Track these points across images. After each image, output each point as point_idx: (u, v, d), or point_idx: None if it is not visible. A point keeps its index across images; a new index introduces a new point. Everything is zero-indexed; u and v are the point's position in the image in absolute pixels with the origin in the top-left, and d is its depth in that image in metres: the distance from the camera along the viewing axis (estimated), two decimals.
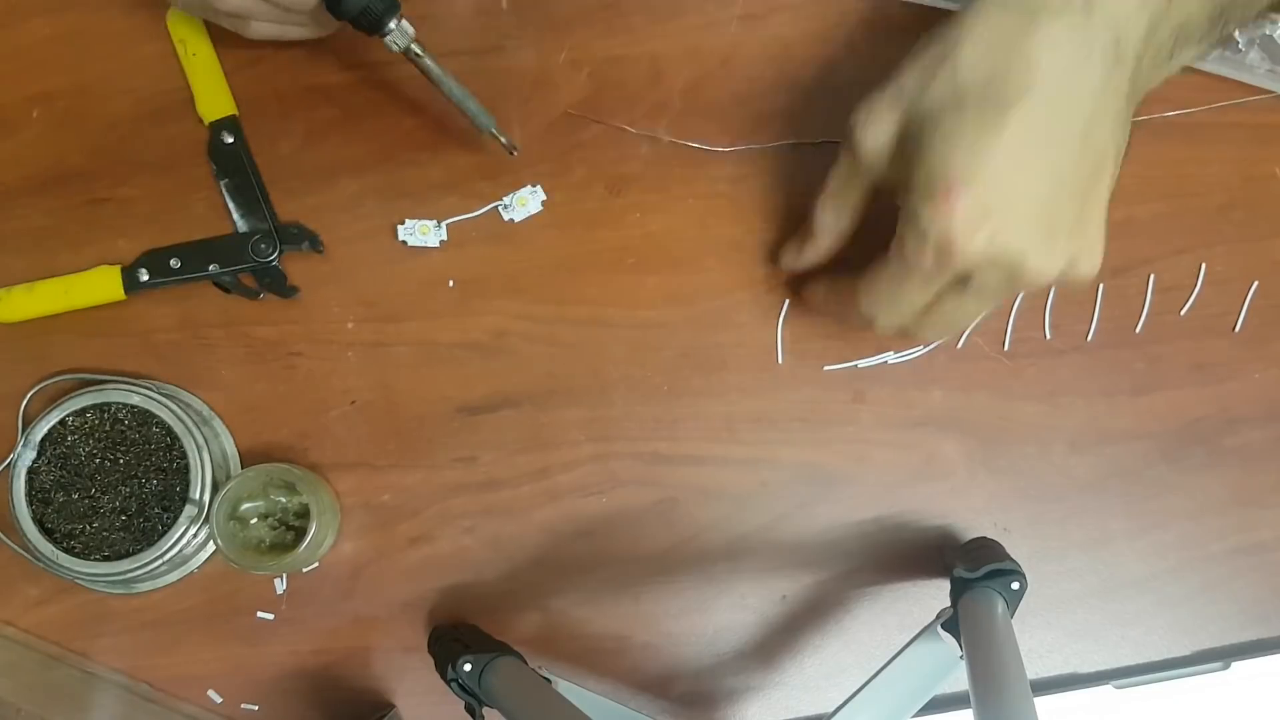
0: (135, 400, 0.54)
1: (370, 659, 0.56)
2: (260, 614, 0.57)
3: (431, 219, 0.56)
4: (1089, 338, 0.57)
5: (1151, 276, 0.57)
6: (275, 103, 0.58)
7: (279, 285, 0.57)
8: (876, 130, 0.45)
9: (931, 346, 0.57)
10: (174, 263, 0.56)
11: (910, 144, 0.44)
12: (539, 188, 0.56)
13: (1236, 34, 0.52)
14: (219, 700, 0.56)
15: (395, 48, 0.50)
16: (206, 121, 0.57)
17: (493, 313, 0.57)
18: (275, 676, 0.57)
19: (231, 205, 0.57)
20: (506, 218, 0.56)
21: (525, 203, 0.56)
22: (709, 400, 0.57)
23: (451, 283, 0.57)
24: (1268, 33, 0.56)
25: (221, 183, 0.57)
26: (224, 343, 0.57)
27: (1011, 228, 0.42)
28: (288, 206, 0.57)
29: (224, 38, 0.55)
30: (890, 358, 0.56)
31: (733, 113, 0.57)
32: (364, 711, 0.56)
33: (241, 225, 0.57)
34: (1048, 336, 0.57)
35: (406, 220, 0.56)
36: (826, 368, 0.57)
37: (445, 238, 0.56)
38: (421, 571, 0.57)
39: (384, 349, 0.57)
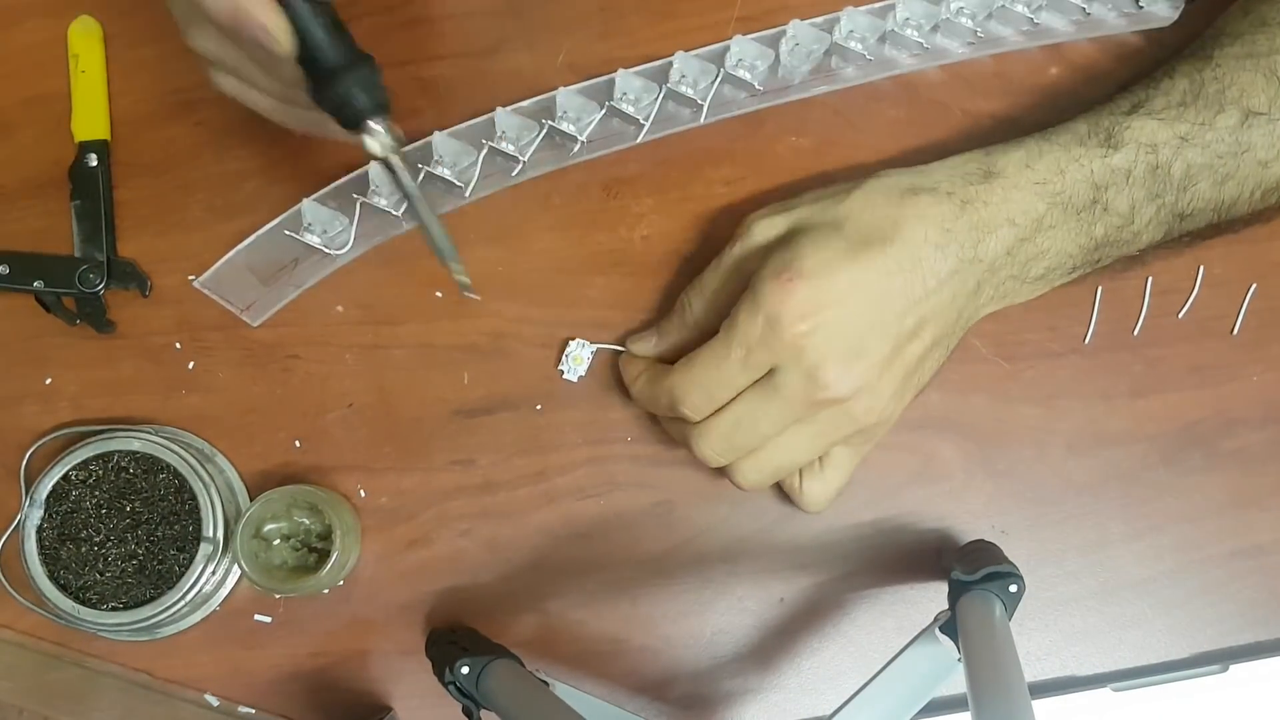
0: (136, 446, 0.54)
1: (368, 662, 0.56)
2: (258, 616, 0.56)
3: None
4: (1087, 340, 0.57)
5: (1149, 279, 0.57)
6: None
7: (97, 318, 0.57)
8: (769, 227, 0.50)
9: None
10: (2, 268, 0.56)
11: (782, 243, 0.49)
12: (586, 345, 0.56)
13: None
14: (216, 703, 0.56)
15: (374, 152, 0.45)
16: (77, 139, 0.57)
17: (490, 315, 0.57)
18: (273, 679, 0.56)
19: (75, 228, 0.57)
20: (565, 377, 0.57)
21: (580, 361, 0.56)
22: None
23: (440, 293, 0.57)
24: None
25: (73, 204, 0.56)
26: (221, 345, 0.57)
27: (829, 330, 0.47)
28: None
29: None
30: None
31: None
32: (361, 714, 0.56)
33: (79, 250, 0.57)
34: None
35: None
36: None
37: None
38: (419, 574, 0.56)
39: (381, 351, 0.57)
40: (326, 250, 0.56)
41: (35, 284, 0.56)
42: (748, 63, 0.56)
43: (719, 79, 0.56)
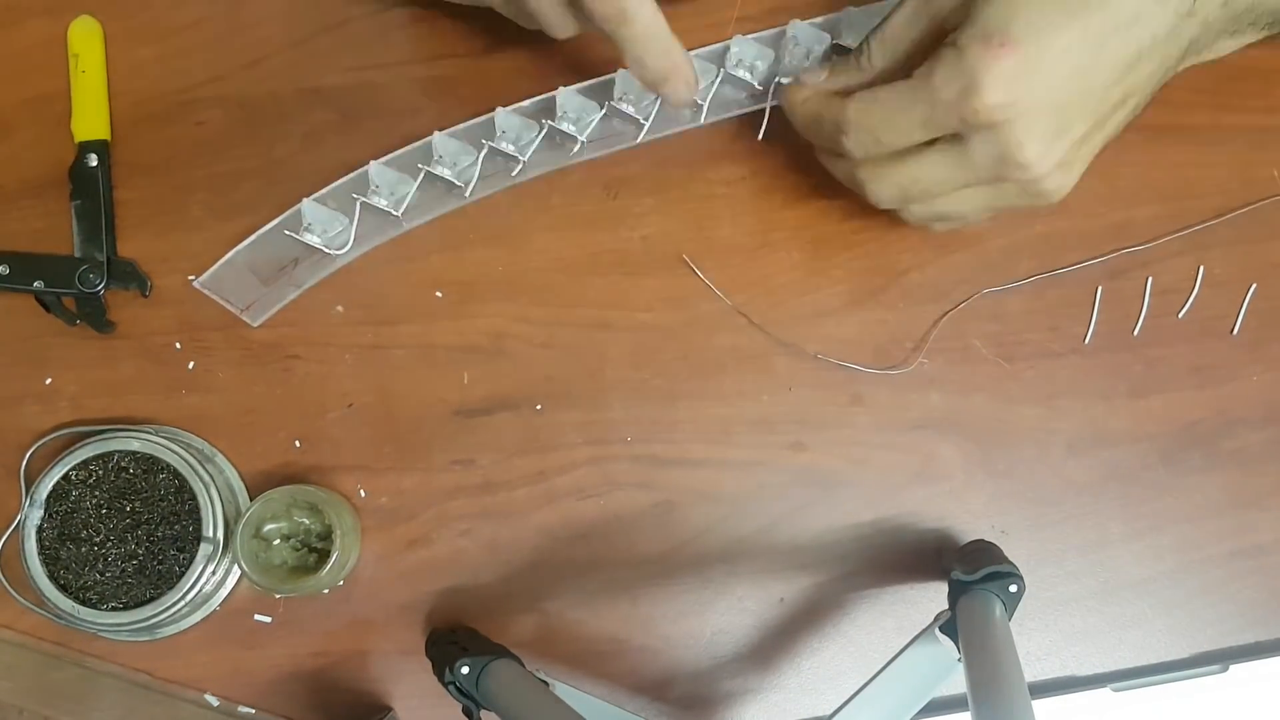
0: (136, 446, 0.54)
1: (368, 662, 0.56)
2: (258, 616, 0.56)
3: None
4: (1087, 340, 0.57)
5: (1149, 279, 0.57)
6: (273, 104, 0.58)
7: (97, 318, 0.56)
8: None
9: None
10: (2, 268, 0.56)
11: None
12: None
13: None
14: (216, 703, 0.56)
15: None
16: (77, 140, 0.57)
17: (490, 315, 0.57)
18: (273, 679, 0.56)
19: (75, 228, 0.57)
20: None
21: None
22: (707, 403, 0.57)
23: (440, 293, 0.57)
24: None
25: (73, 204, 0.56)
26: (221, 345, 0.57)
27: (1033, 105, 0.44)
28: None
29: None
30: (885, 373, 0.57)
31: None
32: (361, 714, 0.56)
33: (79, 250, 0.57)
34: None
35: None
36: (819, 355, 0.57)
37: None
38: (419, 574, 0.56)
39: (381, 351, 0.57)
40: (326, 250, 0.56)
41: (35, 284, 0.56)
42: (748, 63, 0.56)
43: (719, 79, 0.56)
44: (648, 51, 0.48)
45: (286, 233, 0.55)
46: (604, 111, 0.56)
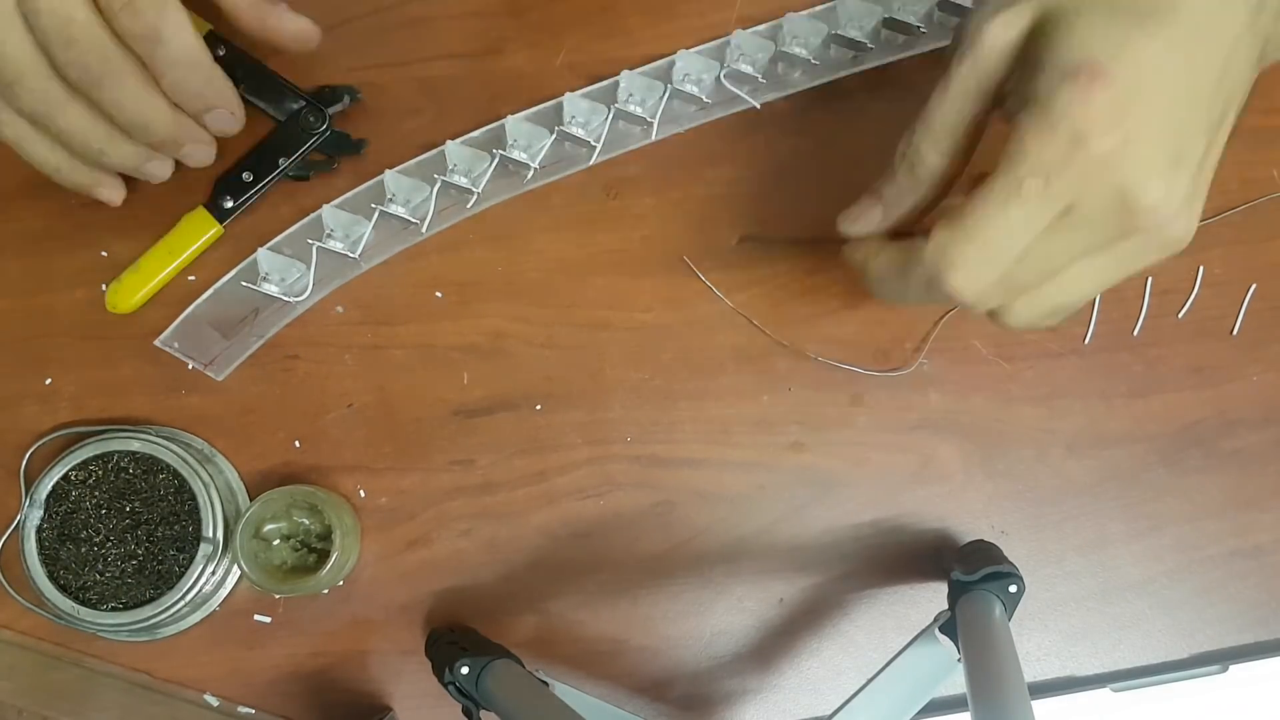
0: (136, 446, 0.54)
1: (367, 662, 0.56)
2: (258, 617, 0.56)
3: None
4: (1086, 340, 0.57)
5: (1149, 279, 0.57)
6: None
7: (346, 144, 0.56)
8: (1006, 26, 0.39)
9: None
10: (246, 176, 0.56)
11: (1041, 41, 0.38)
12: None
13: None
14: (215, 704, 0.56)
15: None
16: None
17: (490, 315, 0.57)
18: (272, 679, 0.56)
19: (262, 105, 0.56)
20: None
21: None
22: (706, 403, 0.57)
23: (440, 293, 0.57)
24: None
25: (240, 89, 0.53)
26: None
27: (1147, 134, 0.37)
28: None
29: None
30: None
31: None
32: (361, 714, 0.56)
33: (280, 115, 0.56)
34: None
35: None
36: (819, 358, 0.57)
37: None
38: (419, 574, 0.56)
39: (381, 351, 0.57)
40: (285, 298, 0.56)
41: (280, 162, 0.56)
42: (694, 76, 0.56)
43: (667, 95, 0.56)
44: (187, 78, 0.47)
45: (244, 284, 0.55)
46: (554, 136, 0.56)
